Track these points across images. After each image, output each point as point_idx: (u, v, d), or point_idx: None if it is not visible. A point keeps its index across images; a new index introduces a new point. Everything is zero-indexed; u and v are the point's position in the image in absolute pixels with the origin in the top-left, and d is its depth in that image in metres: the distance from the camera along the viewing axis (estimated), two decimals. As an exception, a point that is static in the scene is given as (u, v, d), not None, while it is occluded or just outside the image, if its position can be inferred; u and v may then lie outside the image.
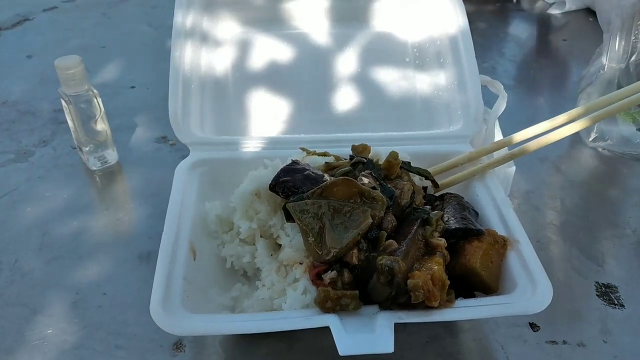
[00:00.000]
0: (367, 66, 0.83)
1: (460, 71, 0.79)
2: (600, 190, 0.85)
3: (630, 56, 0.81)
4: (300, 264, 0.58)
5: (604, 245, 0.75)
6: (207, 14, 0.80)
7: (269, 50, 0.82)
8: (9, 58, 1.17)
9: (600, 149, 0.91)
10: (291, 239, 0.60)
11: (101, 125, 0.84)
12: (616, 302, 0.66)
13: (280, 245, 0.62)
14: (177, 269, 0.56)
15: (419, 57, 0.83)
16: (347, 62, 0.82)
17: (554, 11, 1.37)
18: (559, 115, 0.69)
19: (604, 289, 0.68)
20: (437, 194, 0.68)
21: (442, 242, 0.56)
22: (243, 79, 0.81)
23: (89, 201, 0.82)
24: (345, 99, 0.81)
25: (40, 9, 1.35)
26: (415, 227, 0.57)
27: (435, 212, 0.60)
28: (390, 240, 0.54)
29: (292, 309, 0.54)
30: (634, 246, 0.75)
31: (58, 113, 0.98)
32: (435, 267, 0.53)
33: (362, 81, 0.82)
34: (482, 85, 0.79)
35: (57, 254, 0.72)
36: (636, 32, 0.77)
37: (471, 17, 1.31)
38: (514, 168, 0.74)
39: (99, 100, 0.82)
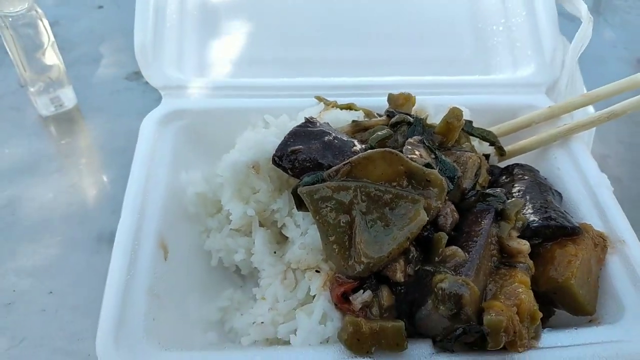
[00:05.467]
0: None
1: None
2: None
3: None
4: (317, 271, 0.40)
5: None
6: None
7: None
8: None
9: None
10: (303, 231, 0.42)
11: (51, 58, 0.66)
12: None
13: (286, 237, 0.44)
14: (139, 279, 0.39)
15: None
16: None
17: None
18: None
19: None
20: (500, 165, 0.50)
21: (526, 247, 0.39)
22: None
23: (36, 160, 0.64)
24: (374, 30, 0.62)
25: None
26: (486, 226, 0.39)
27: (513, 200, 0.42)
28: (453, 248, 0.36)
29: (305, 345, 0.37)
30: None
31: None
32: (521, 291, 0.36)
33: (397, 6, 0.63)
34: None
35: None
36: None
37: None
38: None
39: (45, 22, 0.64)
